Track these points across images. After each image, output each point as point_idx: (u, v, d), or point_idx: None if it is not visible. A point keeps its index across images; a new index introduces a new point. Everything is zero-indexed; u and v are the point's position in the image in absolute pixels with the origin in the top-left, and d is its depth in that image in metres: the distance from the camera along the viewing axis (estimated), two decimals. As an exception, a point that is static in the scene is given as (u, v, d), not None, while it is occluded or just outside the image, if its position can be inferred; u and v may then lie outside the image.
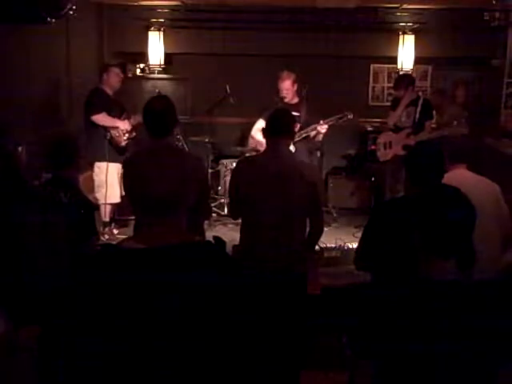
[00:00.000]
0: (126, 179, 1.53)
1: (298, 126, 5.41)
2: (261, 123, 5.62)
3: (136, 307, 1.26)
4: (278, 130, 3.24)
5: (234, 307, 1.33)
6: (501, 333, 1.73)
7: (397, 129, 6.27)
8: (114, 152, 5.59)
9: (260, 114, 5.60)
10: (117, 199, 5.69)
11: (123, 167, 1.86)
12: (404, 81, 6.28)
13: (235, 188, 3.33)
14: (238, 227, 3.39)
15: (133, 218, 6.35)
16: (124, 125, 5.66)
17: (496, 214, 3.27)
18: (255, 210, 3.17)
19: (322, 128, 5.56)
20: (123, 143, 5.65)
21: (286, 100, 5.61)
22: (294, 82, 5.66)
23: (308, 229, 3.32)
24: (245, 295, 1.37)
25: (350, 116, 5.76)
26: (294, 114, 5.26)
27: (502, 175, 3.46)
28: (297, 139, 5.42)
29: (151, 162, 1.42)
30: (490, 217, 3.12)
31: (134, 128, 5.73)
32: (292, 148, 5.38)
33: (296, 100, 5.74)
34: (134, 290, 1.27)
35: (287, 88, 5.61)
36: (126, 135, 5.67)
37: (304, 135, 5.57)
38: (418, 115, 6.12)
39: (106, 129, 5.53)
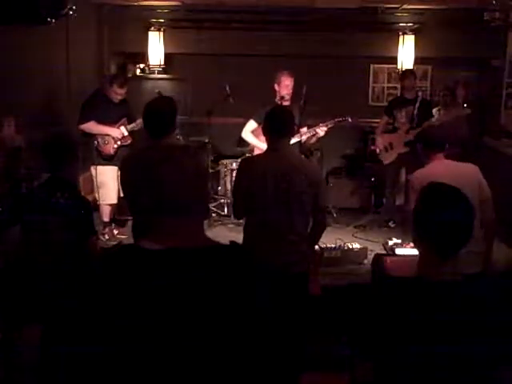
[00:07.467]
0: (126, 179, 1.49)
1: None
2: (251, 125, 5.52)
3: (143, 308, 1.26)
4: (278, 129, 3.25)
5: (233, 307, 1.33)
6: (500, 332, 1.73)
7: (395, 129, 6.29)
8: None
9: (251, 115, 5.47)
10: (113, 200, 5.67)
11: (120, 169, 1.79)
12: (410, 71, 6.51)
13: (239, 187, 3.35)
14: (239, 227, 3.40)
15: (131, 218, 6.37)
16: (115, 132, 5.58)
17: (478, 198, 3.30)
18: (259, 209, 3.19)
19: (321, 130, 5.48)
20: (111, 151, 5.59)
21: (287, 101, 5.35)
22: (292, 82, 5.44)
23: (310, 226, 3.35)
24: (244, 295, 1.37)
25: (350, 119, 5.71)
26: None
27: (502, 175, 3.46)
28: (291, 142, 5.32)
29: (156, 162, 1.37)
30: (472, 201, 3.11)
31: (129, 134, 5.65)
32: None
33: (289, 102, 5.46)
34: (145, 291, 1.26)
35: (290, 87, 5.37)
36: (118, 143, 5.60)
37: (297, 139, 5.40)
38: (416, 113, 6.11)
39: (94, 136, 5.53)
